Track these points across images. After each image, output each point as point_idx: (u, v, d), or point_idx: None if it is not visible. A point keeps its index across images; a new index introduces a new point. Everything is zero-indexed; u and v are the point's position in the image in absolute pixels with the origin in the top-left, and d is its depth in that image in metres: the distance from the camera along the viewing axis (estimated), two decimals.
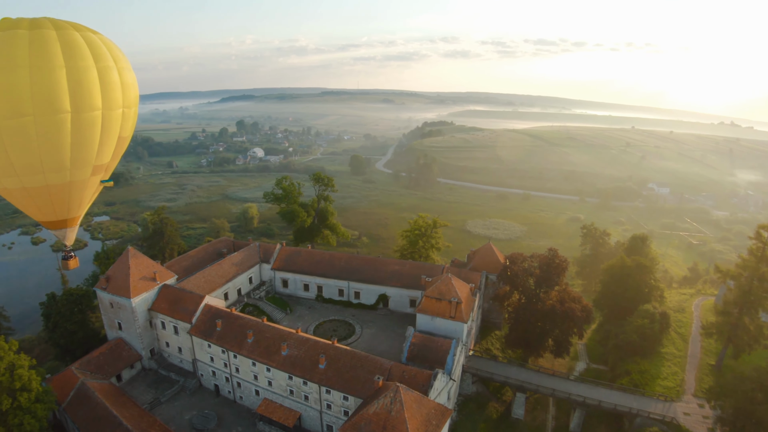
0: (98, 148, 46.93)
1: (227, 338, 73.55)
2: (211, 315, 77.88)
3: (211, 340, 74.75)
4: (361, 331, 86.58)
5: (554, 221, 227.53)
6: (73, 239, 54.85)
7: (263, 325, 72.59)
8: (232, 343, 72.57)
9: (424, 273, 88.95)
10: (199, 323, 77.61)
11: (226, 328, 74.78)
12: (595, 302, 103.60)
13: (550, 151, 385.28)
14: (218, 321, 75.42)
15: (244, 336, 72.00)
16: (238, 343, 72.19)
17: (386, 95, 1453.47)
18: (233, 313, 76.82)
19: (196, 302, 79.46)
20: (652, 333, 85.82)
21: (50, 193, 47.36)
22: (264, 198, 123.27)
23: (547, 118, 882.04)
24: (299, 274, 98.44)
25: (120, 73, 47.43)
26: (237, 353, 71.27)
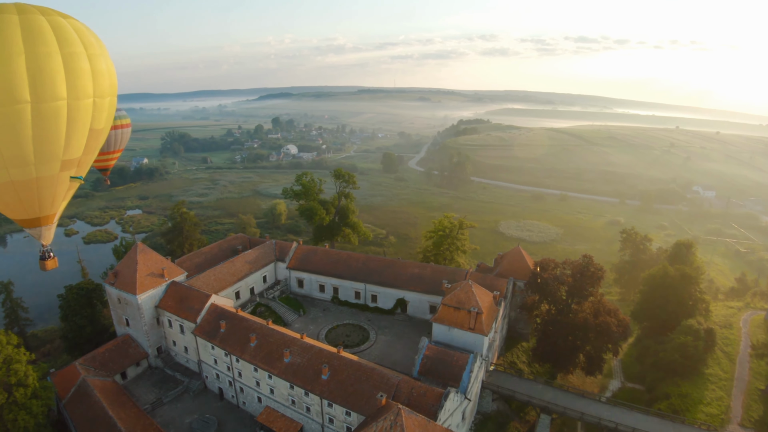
0: (65, 142, 42.75)
1: (230, 341, 69.37)
2: (216, 315, 74.05)
3: (214, 342, 70.81)
4: (375, 338, 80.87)
5: (592, 224, 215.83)
6: (50, 238, 51.23)
7: (267, 328, 67.90)
8: (235, 347, 68.33)
9: (445, 277, 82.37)
10: (204, 323, 73.91)
11: (230, 330, 70.65)
12: (633, 314, 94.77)
13: (590, 150, 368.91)
14: (222, 322, 71.44)
15: (248, 339, 67.62)
16: (241, 346, 67.85)
17: (422, 93, 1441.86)
18: (238, 315, 72.54)
19: (202, 301, 75.91)
20: (696, 352, 76.70)
21: (16, 190, 43.56)
22: (282, 194, 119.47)
23: (588, 117, 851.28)
24: (315, 274, 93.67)
25: (91, 60, 42.85)
26: (239, 357, 66.98)
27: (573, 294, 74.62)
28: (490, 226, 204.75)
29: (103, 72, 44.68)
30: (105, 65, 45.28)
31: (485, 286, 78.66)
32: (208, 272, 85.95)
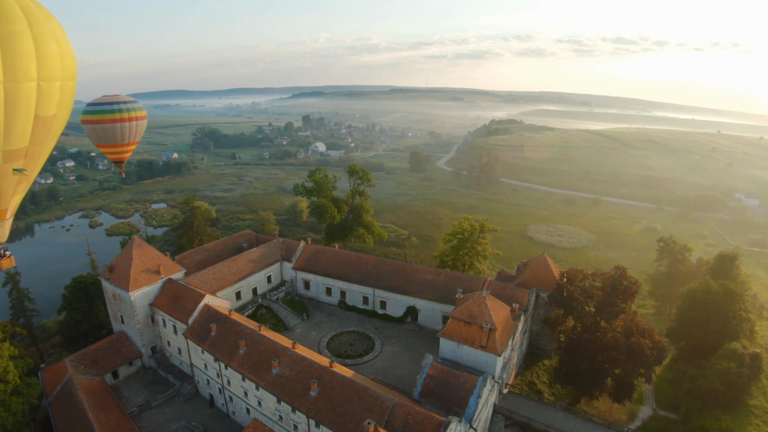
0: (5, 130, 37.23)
1: (220, 346, 63.99)
2: (209, 317, 68.92)
3: (203, 346, 65.65)
4: (380, 348, 74.06)
5: (627, 231, 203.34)
6: (5, 235, 46.16)
7: (257, 335, 62.07)
8: (224, 352, 62.94)
9: (460, 285, 74.88)
10: (196, 325, 68.90)
11: (221, 335, 65.30)
12: (669, 332, 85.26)
13: (627, 153, 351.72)
14: (213, 325, 66.19)
15: (237, 346, 62.02)
16: (230, 353, 62.39)
17: (455, 93, 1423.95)
18: (230, 318, 67.04)
19: (196, 301, 70.99)
20: (740, 380, 67.09)
21: None
22: (293, 190, 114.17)
23: (625, 119, 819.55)
24: (321, 276, 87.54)
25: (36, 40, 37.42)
26: (227, 364, 61.42)
27: (602, 310, 65.86)
28: (518, 230, 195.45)
29: (52, 53, 39.05)
30: (56, 46, 39.63)
31: (504, 297, 70.99)
32: (207, 270, 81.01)
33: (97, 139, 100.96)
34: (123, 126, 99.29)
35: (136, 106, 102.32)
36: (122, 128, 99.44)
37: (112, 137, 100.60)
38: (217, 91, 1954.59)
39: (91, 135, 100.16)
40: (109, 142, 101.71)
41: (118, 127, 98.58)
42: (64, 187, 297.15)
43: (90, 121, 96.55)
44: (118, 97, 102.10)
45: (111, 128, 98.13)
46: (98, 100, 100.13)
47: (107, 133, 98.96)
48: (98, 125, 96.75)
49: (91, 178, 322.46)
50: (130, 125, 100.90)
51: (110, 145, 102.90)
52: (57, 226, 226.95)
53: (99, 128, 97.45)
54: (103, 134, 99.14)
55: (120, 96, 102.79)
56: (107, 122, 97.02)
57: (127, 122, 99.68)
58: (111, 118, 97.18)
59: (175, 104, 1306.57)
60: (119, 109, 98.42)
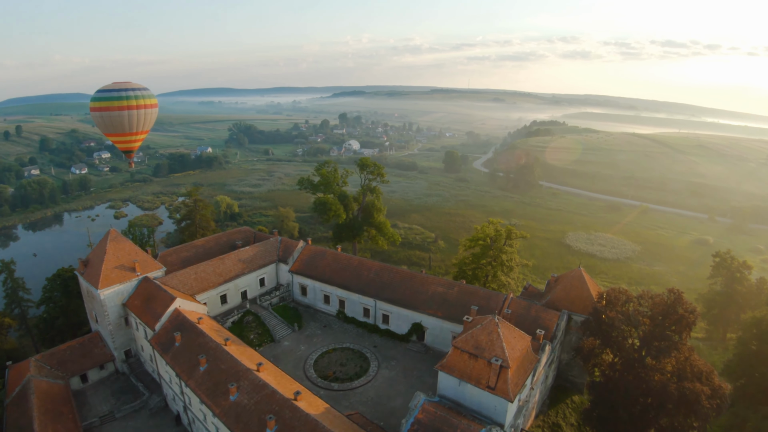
0: None
1: (181, 359, 54.50)
2: (177, 324, 59.80)
3: (166, 358, 56.44)
4: (376, 371, 62.49)
5: (675, 242, 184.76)
6: None
7: (221, 351, 52.00)
8: (184, 367, 53.46)
9: (476, 302, 62.67)
10: (163, 332, 59.90)
11: (185, 346, 55.85)
12: (726, 368, 70.32)
13: (676, 159, 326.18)
14: (178, 334, 56.80)
15: (198, 362, 52.22)
16: (190, 369, 52.79)
17: (497, 95, 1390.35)
18: (197, 327, 57.36)
19: (165, 305, 62.09)
20: None
21: None
22: (298, 185, 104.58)
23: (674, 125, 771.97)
24: (319, 282, 76.78)
25: None
26: (186, 382, 51.75)
27: (649, 343, 51.95)
28: (556, 236, 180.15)
29: None
30: None
31: (528, 319, 58.31)
32: (188, 270, 71.79)
33: (104, 127, 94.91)
34: (131, 114, 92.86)
35: (146, 94, 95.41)
36: (130, 116, 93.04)
37: (120, 125, 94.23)
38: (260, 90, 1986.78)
39: (99, 123, 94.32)
40: (116, 130, 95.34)
41: (125, 114, 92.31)
42: (97, 178, 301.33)
43: (97, 108, 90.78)
44: (128, 83, 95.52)
45: (118, 116, 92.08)
46: (107, 86, 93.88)
47: (114, 120, 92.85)
48: (105, 113, 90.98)
49: (124, 170, 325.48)
50: (138, 113, 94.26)
51: (118, 133, 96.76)
52: (83, 216, 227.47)
53: (106, 116, 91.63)
54: (110, 122, 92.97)
55: (130, 83, 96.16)
56: (114, 109, 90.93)
57: (135, 110, 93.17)
58: (118, 105, 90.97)
59: (218, 101, 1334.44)
60: (127, 96, 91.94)
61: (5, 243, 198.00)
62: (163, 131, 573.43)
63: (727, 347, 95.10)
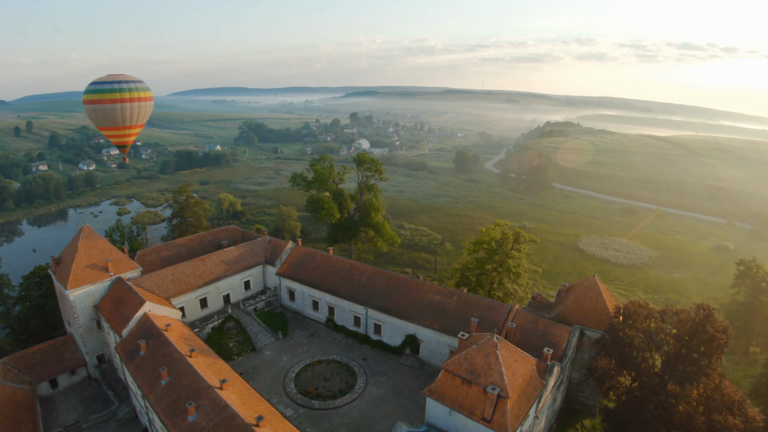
0: None
1: (144, 371, 49.08)
2: (144, 330, 54.44)
3: (129, 368, 51.00)
4: (363, 388, 56.14)
5: (693, 248, 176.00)
6: None
7: (185, 364, 46.26)
8: (146, 379, 48.05)
9: (477, 313, 56.17)
10: (130, 339, 54.66)
11: (149, 356, 50.38)
12: (754, 389, 63.37)
13: (693, 161, 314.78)
14: (143, 342, 51.30)
15: (159, 375, 46.55)
16: (152, 381, 47.30)
17: (511, 96, 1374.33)
18: (163, 335, 51.72)
19: (135, 308, 56.73)
20: None
21: None
22: (290, 182, 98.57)
23: (691, 127, 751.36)
24: (308, 286, 70.75)
25: None
26: (146, 396, 46.12)
27: (673, 367, 44.95)
28: (569, 240, 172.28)
29: None
30: None
31: (535, 334, 51.63)
32: (165, 271, 66.28)
33: (97, 120, 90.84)
34: (124, 107, 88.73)
35: (140, 86, 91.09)
36: (123, 109, 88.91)
37: (113, 119, 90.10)
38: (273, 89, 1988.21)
39: (92, 116, 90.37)
40: (109, 124, 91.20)
41: (118, 108, 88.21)
42: (105, 175, 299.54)
43: (90, 101, 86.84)
44: (122, 76, 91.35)
45: (111, 109, 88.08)
46: (101, 78, 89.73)
47: (107, 114, 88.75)
48: (98, 105, 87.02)
49: (132, 167, 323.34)
50: (132, 106, 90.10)
51: (111, 127, 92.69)
52: (87, 212, 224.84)
53: (99, 109, 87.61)
54: (103, 115, 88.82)
55: (124, 75, 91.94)
56: (107, 102, 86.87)
57: (128, 103, 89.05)
58: (111, 98, 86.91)
59: (231, 100, 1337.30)
60: (120, 88, 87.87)
61: (10, 238, 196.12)
62: (174, 129, 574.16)
63: (750, 362, 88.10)
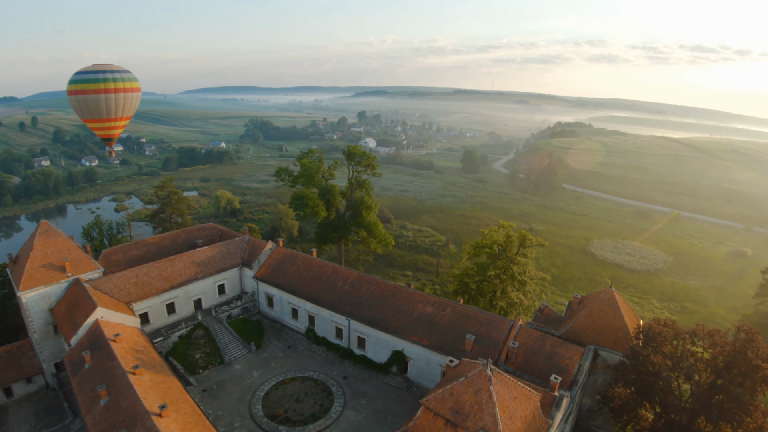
0: None
1: (85, 387, 42.69)
2: (93, 340, 47.82)
3: (73, 382, 44.49)
4: (339, 413, 48.76)
5: (710, 253, 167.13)
6: None
7: (125, 382, 39.57)
8: (86, 397, 41.60)
9: (474, 329, 48.76)
10: (78, 349, 48.51)
11: (92, 370, 43.98)
12: None
13: (709, 164, 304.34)
14: (87, 354, 44.74)
15: (98, 394, 39.93)
16: (91, 400, 40.83)
17: (521, 97, 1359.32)
18: (109, 347, 45.04)
19: (86, 314, 50.16)
20: None
21: None
22: (275, 176, 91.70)
23: (704, 130, 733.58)
24: (286, 292, 63.64)
25: None
26: (84, 416, 39.63)
27: (706, 401, 37.12)
28: (579, 244, 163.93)
29: None
30: None
31: (541, 355, 44.10)
32: (127, 272, 59.55)
33: (81, 111, 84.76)
34: (108, 98, 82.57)
35: (126, 76, 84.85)
36: (107, 100, 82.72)
37: (96, 110, 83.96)
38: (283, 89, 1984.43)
39: (75, 107, 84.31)
40: (93, 115, 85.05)
41: (102, 98, 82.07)
42: (107, 171, 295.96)
43: (73, 91, 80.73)
44: (108, 65, 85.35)
45: (95, 99, 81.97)
46: (86, 68, 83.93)
47: (90, 104, 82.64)
48: (81, 96, 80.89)
49: (134, 163, 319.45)
50: (117, 97, 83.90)
51: (95, 119, 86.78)
52: (84, 209, 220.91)
53: (82, 99, 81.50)
54: (86, 106, 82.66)
55: (110, 65, 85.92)
56: (90, 93, 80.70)
57: (113, 93, 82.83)
58: (95, 88, 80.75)
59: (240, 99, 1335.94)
60: (104, 78, 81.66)
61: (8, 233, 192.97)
62: (181, 126, 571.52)
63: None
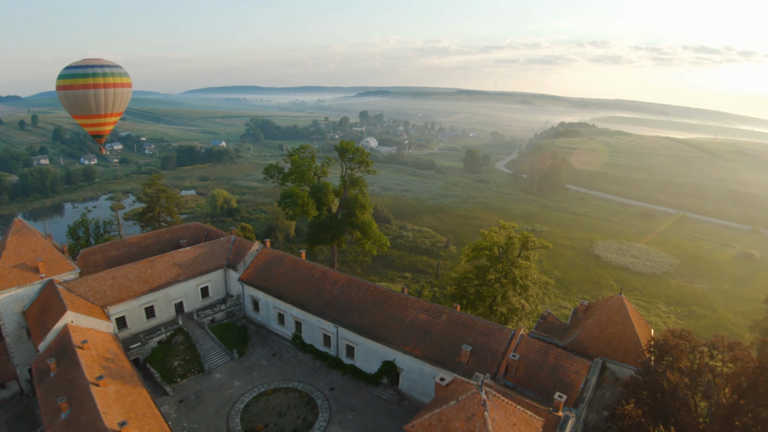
0: None
1: (48, 399, 39.48)
2: (60, 346, 44.51)
3: (38, 390, 41.25)
4: (324, 428, 44.72)
5: (717, 256, 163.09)
6: None
7: (87, 394, 36.21)
8: (49, 408, 38.30)
9: (471, 339, 45.01)
10: (45, 355, 45.11)
11: (57, 380, 40.93)
12: None
13: (714, 164, 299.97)
14: (52, 361, 41.39)
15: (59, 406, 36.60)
16: (53, 412, 37.48)
17: (524, 97, 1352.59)
18: (75, 355, 41.61)
19: (55, 318, 46.79)
20: None
21: None
22: (264, 173, 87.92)
23: (708, 131, 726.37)
24: (271, 296, 59.92)
25: None
26: (45, 430, 36.16)
27: (729, 423, 33.27)
28: (583, 245, 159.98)
29: None
30: None
31: (545, 369, 40.36)
32: (104, 274, 55.99)
33: (70, 107, 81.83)
34: (98, 93, 79.57)
35: (117, 72, 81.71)
36: (97, 96, 79.70)
37: (86, 106, 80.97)
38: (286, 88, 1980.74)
39: (65, 103, 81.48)
40: (83, 111, 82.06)
41: (91, 94, 79.08)
42: (105, 169, 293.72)
43: (62, 86, 77.81)
44: (99, 60, 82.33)
45: (84, 95, 79.03)
46: (76, 62, 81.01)
47: (80, 100, 79.69)
48: (70, 91, 77.95)
49: (134, 162, 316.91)
50: (107, 92, 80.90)
51: (84, 115, 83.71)
52: (81, 207, 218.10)
53: (71, 95, 78.59)
54: (75, 102, 79.70)
55: (101, 59, 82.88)
56: (79, 88, 77.73)
57: (102, 89, 79.85)
58: (84, 83, 77.83)
59: (243, 98, 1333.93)
60: (94, 73, 78.69)
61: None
62: (182, 125, 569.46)
63: None
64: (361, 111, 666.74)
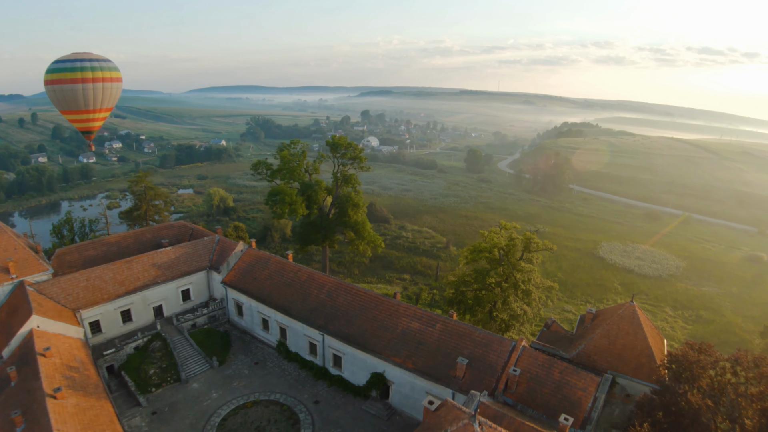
0: None
1: (6, 411, 35.69)
2: (24, 353, 41.06)
3: None
4: None
5: (724, 258, 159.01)
6: None
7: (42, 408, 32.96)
8: (4, 423, 34.87)
9: (467, 350, 41.33)
10: (9, 362, 41.61)
11: (16, 390, 37.69)
12: None
13: (720, 165, 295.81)
14: (13, 370, 37.94)
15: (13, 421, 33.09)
16: (8, 427, 34.41)
17: (527, 98, 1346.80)
18: (36, 363, 38.14)
19: (21, 322, 43.36)
20: None
21: None
22: (252, 170, 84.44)
23: (713, 132, 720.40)
24: (255, 300, 56.26)
25: None
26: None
27: None
28: (587, 247, 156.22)
29: None
30: None
31: (548, 385, 36.65)
32: (77, 275, 52.51)
33: (58, 102, 78.77)
34: (86, 88, 76.41)
35: (106, 65, 78.55)
36: (85, 90, 76.56)
37: (74, 101, 77.76)
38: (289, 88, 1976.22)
39: (52, 98, 78.45)
40: (71, 106, 78.82)
41: (79, 88, 75.92)
42: (104, 168, 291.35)
43: (50, 80, 74.78)
44: (88, 54, 79.30)
45: (71, 90, 75.88)
46: (65, 56, 77.99)
47: (67, 95, 76.53)
48: (57, 86, 74.94)
49: (132, 160, 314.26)
50: (96, 87, 77.73)
51: (73, 110, 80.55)
52: (77, 206, 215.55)
53: (59, 89, 75.56)
54: (63, 96, 76.52)
55: (90, 53, 79.90)
56: (67, 82, 74.62)
57: (91, 83, 76.76)
58: (72, 77, 74.63)
59: (245, 98, 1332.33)
60: (82, 67, 75.53)
61: None
62: (183, 124, 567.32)
63: None
64: (363, 110, 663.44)
